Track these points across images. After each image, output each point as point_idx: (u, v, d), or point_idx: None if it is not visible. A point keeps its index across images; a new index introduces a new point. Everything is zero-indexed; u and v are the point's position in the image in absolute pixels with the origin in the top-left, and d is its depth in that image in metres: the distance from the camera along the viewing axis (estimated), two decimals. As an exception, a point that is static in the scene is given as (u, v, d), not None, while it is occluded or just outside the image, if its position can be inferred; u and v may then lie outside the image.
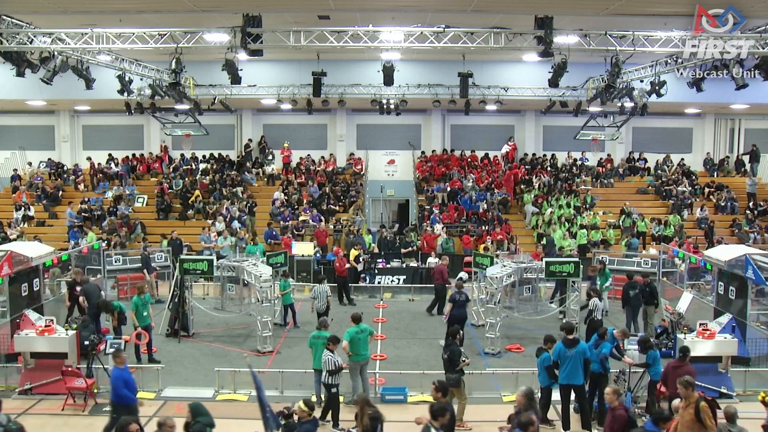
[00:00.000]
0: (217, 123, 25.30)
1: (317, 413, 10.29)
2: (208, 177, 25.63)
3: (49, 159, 26.93)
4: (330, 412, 10.09)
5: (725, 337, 11.43)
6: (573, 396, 10.00)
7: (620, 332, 11.11)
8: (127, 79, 18.11)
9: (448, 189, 24.83)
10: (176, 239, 20.29)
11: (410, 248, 20.96)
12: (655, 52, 15.31)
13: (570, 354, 9.69)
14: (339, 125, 27.17)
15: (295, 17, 16.61)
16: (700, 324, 11.56)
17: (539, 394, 10.20)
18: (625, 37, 14.77)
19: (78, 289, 14.34)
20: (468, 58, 17.44)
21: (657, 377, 10.18)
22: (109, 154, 26.74)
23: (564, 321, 12.14)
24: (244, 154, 26.84)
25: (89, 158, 26.46)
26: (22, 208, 23.39)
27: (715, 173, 26.99)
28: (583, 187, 25.36)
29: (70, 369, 10.83)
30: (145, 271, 18.03)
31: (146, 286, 14.98)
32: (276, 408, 7.98)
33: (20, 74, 14.98)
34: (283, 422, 7.91)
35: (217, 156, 26.91)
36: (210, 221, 22.50)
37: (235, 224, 22.15)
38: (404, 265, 20.10)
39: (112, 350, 10.97)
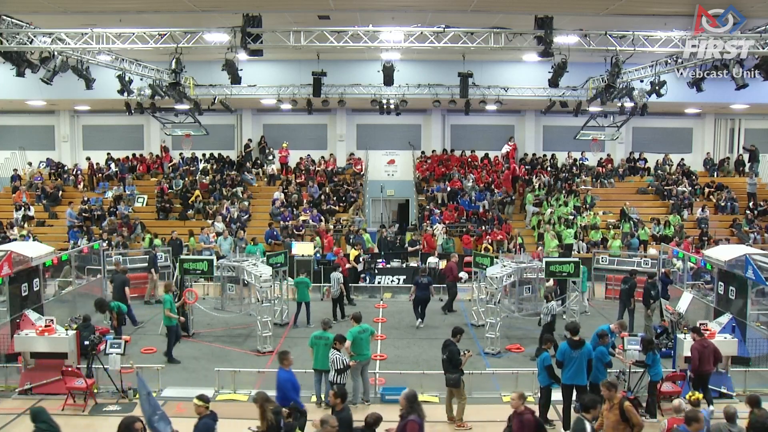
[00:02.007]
0: (217, 123, 25.30)
1: (319, 414, 10.31)
2: (208, 177, 25.64)
3: (48, 159, 26.91)
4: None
5: (725, 337, 11.43)
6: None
7: (617, 326, 11.18)
8: (127, 79, 18.11)
9: (448, 189, 24.83)
10: (176, 239, 20.30)
11: (417, 246, 20.92)
12: (655, 52, 15.31)
13: (575, 355, 9.66)
14: (339, 125, 27.17)
15: (295, 17, 16.61)
16: (700, 324, 11.55)
17: (539, 394, 10.21)
18: (625, 37, 14.76)
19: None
20: (468, 58, 17.44)
21: (657, 378, 10.19)
22: (108, 154, 26.73)
23: (570, 321, 12.14)
24: (243, 154, 26.84)
25: (88, 158, 26.46)
26: (22, 208, 23.39)
27: (715, 173, 26.98)
28: (583, 187, 25.36)
29: (70, 369, 10.83)
30: (152, 270, 18.13)
31: (173, 285, 14.85)
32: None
33: (20, 74, 14.97)
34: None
35: (217, 156, 26.92)
36: (210, 221, 22.50)
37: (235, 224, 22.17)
38: (404, 265, 20.08)
39: (113, 350, 10.98)
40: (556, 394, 10.04)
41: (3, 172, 26.99)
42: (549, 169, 26.56)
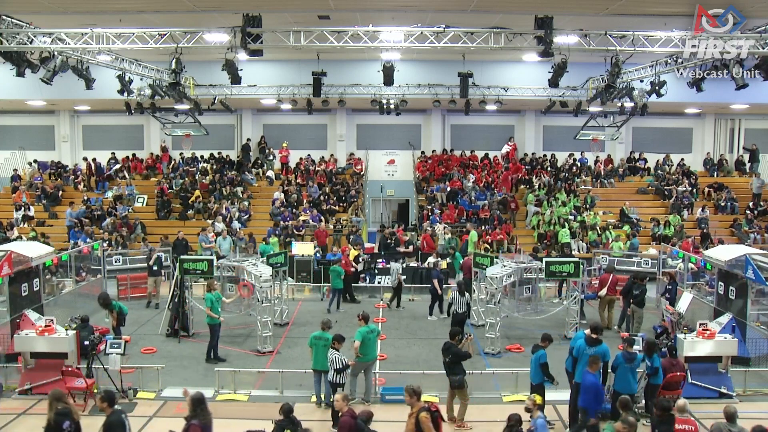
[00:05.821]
0: (217, 123, 25.30)
1: (319, 414, 10.31)
2: (208, 177, 25.64)
3: (34, 160, 26.82)
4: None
5: (725, 337, 11.41)
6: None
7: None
8: (127, 79, 18.11)
9: (448, 189, 24.83)
10: (182, 239, 20.30)
11: (410, 248, 20.76)
12: (655, 52, 15.30)
13: (589, 352, 9.61)
14: (339, 125, 27.18)
15: (295, 17, 16.61)
16: (700, 324, 11.55)
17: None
18: (625, 37, 14.76)
19: None
20: (468, 58, 17.44)
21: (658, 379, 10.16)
22: (112, 154, 26.73)
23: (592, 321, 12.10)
24: (241, 155, 26.82)
25: (85, 158, 26.45)
26: (22, 208, 23.39)
27: (715, 173, 26.99)
28: (583, 187, 25.36)
29: (70, 369, 10.82)
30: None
31: (216, 283, 14.56)
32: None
33: (20, 74, 14.96)
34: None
35: (217, 156, 26.93)
36: (210, 221, 22.50)
37: (235, 224, 22.16)
38: (404, 265, 20.05)
39: (113, 350, 10.96)
40: (555, 394, 10.03)
41: (3, 172, 27.00)
42: (549, 169, 26.57)
